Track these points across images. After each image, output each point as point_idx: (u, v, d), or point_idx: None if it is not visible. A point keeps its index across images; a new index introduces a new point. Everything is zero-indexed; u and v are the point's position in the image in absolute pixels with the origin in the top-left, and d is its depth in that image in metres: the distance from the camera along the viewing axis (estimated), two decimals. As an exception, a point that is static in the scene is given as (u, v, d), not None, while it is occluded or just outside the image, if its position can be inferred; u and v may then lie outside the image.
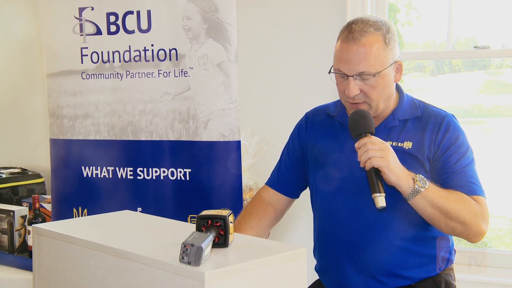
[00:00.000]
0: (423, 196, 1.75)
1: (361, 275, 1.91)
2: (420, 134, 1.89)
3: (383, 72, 1.83)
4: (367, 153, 1.73)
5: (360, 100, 1.86)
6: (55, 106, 2.77)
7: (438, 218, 1.78)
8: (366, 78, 1.82)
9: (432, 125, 1.90)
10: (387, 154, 1.73)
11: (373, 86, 1.83)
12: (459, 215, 1.77)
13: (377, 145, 1.74)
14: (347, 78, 1.84)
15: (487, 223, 1.82)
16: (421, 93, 3.38)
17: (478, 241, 1.85)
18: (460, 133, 1.90)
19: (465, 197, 1.81)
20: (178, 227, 1.68)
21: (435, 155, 1.87)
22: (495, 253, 2.91)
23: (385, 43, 1.83)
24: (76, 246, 1.51)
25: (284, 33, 3.13)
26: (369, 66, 1.81)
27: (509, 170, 3.09)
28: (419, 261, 1.90)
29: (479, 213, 1.80)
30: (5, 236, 2.89)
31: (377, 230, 1.88)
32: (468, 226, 1.79)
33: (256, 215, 2.09)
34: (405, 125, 1.92)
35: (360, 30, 1.82)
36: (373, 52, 1.81)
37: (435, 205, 1.76)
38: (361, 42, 1.81)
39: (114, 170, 2.68)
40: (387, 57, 1.84)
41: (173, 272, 1.26)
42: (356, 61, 1.81)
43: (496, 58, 3.13)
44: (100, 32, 2.66)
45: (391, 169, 1.72)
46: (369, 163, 1.73)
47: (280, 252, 1.37)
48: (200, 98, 2.53)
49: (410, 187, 1.74)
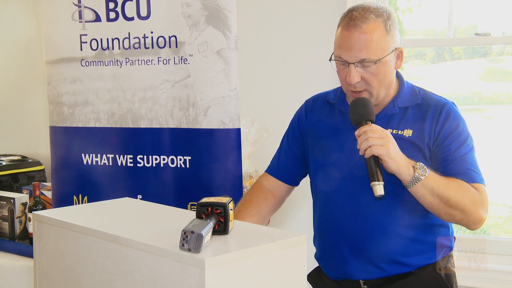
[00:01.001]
0: (423, 184, 1.75)
1: (361, 262, 1.92)
2: (420, 122, 1.89)
3: (384, 59, 1.82)
4: (367, 141, 1.73)
5: (361, 88, 1.85)
6: (55, 94, 2.76)
7: (438, 205, 1.78)
8: (367, 65, 1.81)
9: (432, 113, 1.89)
10: (387, 142, 1.72)
11: (374, 73, 1.83)
12: (459, 203, 1.78)
13: (377, 133, 1.74)
14: (348, 65, 1.83)
15: (486, 211, 1.83)
16: (422, 80, 3.37)
17: (477, 228, 1.86)
18: (460, 120, 1.90)
19: (465, 185, 1.81)
20: (178, 214, 1.68)
21: (435, 142, 1.87)
22: (495, 240, 2.92)
23: (386, 30, 1.83)
24: (76, 233, 1.52)
25: (284, 21, 3.12)
26: (370, 53, 1.80)
27: (509, 157, 3.09)
28: (419, 248, 1.91)
29: (478, 201, 1.80)
30: (6, 223, 2.90)
31: (378, 217, 1.89)
32: (468, 213, 1.79)
33: (256, 202, 2.09)
34: (405, 112, 1.92)
35: (361, 17, 1.81)
36: (374, 39, 1.80)
37: (435, 193, 1.76)
38: (362, 29, 1.80)
39: (114, 157, 2.68)
40: (388, 44, 1.83)
41: (173, 259, 1.26)
42: (357, 48, 1.80)
43: (496, 45, 3.12)
44: (99, 19, 2.64)
45: (391, 157, 1.72)
46: (369, 151, 1.73)
47: (280, 239, 1.38)
48: (200, 85, 2.52)
49: (410, 175, 1.74)
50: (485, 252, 2.85)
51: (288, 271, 1.38)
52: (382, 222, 1.88)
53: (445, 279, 1.93)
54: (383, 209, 1.87)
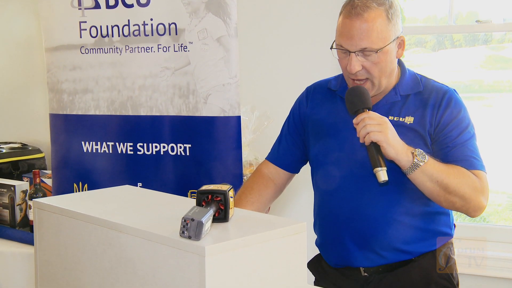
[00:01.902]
0: (422, 171, 1.75)
1: (362, 250, 1.92)
2: (422, 109, 1.89)
3: (386, 48, 1.82)
4: (365, 128, 1.73)
5: (363, 77, 1.85)
6: (54, 81, 2.75)
7: (438, 192, 1.78)
8: (368, 54, 1.81)
9: (434, 100, 1.89)
10: (385, 129, 1.73)
11: (376, 62, 1.82)
12: (459, 190, 1.78)
13: (375, 120, 1.74)
14: (349, 54, 1.82)
15: (487, 198, 1.83)
16: (422, 68, 3.36)
17: (477, 215, 1.86)
18: (461, 107, 1.90)
19: (465, 172, 1.81)
20: (178, 202, 1.68)
21: (436, 129, 1.87)
22: (494, 227, 2.93)
23: (388, 19, 1.82)
24: (76, 221, 1.52)
25: (285, 8, 3.11)
26: (372, 42, 1.80)
27: (509, 145, 3.09)
28: (419, 236, 1.91)
29: (478, 188, 1.80)
30: (7, 210, 2.90)
31: (378, 204, 1.89)
32: (468, 200, 1.79)
33: (256, 190, 2.09)
34: (407, 100, 1.92)
35: (362, 6, 1.80)
36: (375, 27, 1.79)
37: (434, 179, 1.76)
38: (363, 17, 1.79)
39: (114, 145, 2.68)
40: (389, 33, 1.82)
41: (174, 246, 1.26)
42: (359, 37, 1.80)
43: (497, 32, 3.11)
44: (99, 6, 2.63)
45: (390, 143, 1.72)
46: (368, 137, 1.73)
47: (280, 226, 1.38)
48: (200, 73, 2.52)
49: (409, 161, 1.75)
50: (484, 240, 2.86)
51: (288, 259, 1.38)
52: (382, 210, 1.89)
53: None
54: (384, 197, 1.88)
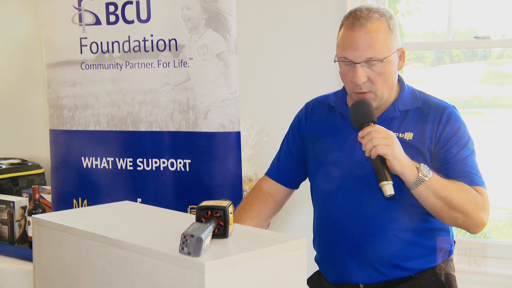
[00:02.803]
0: (427, 186, 1.74)
1: (362, 266, 1.92)
2: (421, 125, 1.89)
3: (389, 58, 1.83)
4: (372, 141, 1.71)
5: (367, 89, 1.85)
6: (55, 97, 2.76)
7: (441, 208, 1.77)
8: (373, 64, 1.81)
9: (433, 116, 1.89)
10: (392, 142, 1.72)
11: (380, 73, 1.82)
12: (462, 205, 1.77)
13: (381, 133, 1.73)
14: (354, 66, 1.83)
15: (488, 214, 1.82)
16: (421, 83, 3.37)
17: (478, 232, 1.85)
18: (461, 124, 1.90)
19: (467, 187, 1.80)
20: (178, 218, 1.68)
21: (436, 146, 1.86)
22: (494, 243, 2.92)
23: (389, 29, 1.84)
24: (76, 237, 1.52)
25: (284, 24, 3.12)
26: (377, 52, 1.80)
27: (509, 161, 3.09)
28: (420, 253, 1.90)
29: (480, 204, 1.80)
30: (5, 226, 2.90)
31: (378, 220, 1.88)
32: (470, 216, 1.78)
33: (256, 205, 2.09)
34: (406, 115, 1.92)
35: (365, 17, 1.81)
36: (379, 37, 1.81)
37: (438, 195, 1.75)
38: (367, 28, 1.80)
39: (114, 161, 2.68)
40: (392, 43, 1.84)
41: (173, 262, 1.26)
42: (364, 47, 1.80)
43: (496, 48, 3.13)
44: (100, 22, 2.65)
45: (396, 157, 1.71)
46: (374, 151, 1.71)
47: (280, 242, 1.38)
48: (199, 88, 2.52)
49: (414, 175, 1.73)
50: (485, 256, 2.85)
51: (288, 275, 1.37)
52: (382, 226, 1.88)
53: (445, 283, 1.93)
54: (384, 212, 1.87)
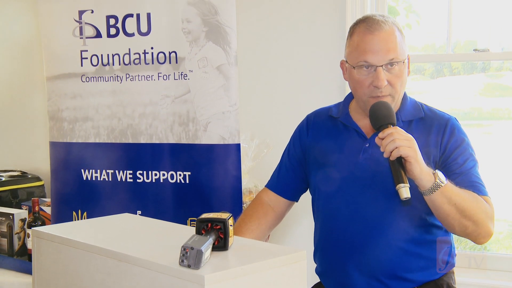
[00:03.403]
0: (442, 192, 1.72)
1: (364, 277, 1.91)
2: (425, 136, 1.89)
3: (406, 61, 1.87)
4: (394, 142, 1.68)
5: (387, 93, 1.86)
6: (55, 109, 2.77)
7: (454, 215, 1.75)
8: (393, 66, 1.83)
9: (437, 127, 1.90)
10: (414, 144, 1.70)
11: (399, 75, 1.85)
12: (473, 214, 1.76)
13: (403, 135, 1.71)
14: (374, 69, 1.83)
15: (494, 225, 1.83)
16: (421, 95, 3.38)
17: (485, 242, 1.84)
18: (464, 136, 1.92)
19: (478, 197, 1.81)
20: (177, 230, 1.67)
21: (441, 157, 1.87)
22: (495, 256, 2.91)
23: (401, 34, 1.89)
24: (75, 249, 1.51)
25: (284, 36, 3.13)
26: (397, 53, 1.84)
27: (509, 172, 3.08)
28: (422, 264, 1.90)
29: (489, 213, 1.81)
30: (5, 239, 2.89)
31: (380, 231, 1.88)
32: (480, 225, 1.78)
33: (256, 218, 2.08)
34: (410, 126, 1.92)
35: (379, 21, 1.85)
36: (397, 39, 1.85)
37: (452, 202, 1.73)
38: (385, 30, 1.84)
39: (114, 173, 2.68)
40: (405, 47, 1.89)
41: (173, 275, 1.25)
42: (385, 49, 1.82)
43: (495, 61, 3.13)
44: (100, 35, 2.66)
45: (418, 160, 1.69)
46: (397, 151, 1.68)
47: (280, 255, 1.37)
48: (199, 101, 2.53)
49: (431, 181, 1.71)
50: (485, 268, 2.84)
51: (288, 287, 1.37)
52: (386, 237, 1.88)
53: None
54: (388, 224, 1.87)
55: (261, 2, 3.17)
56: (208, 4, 2.47)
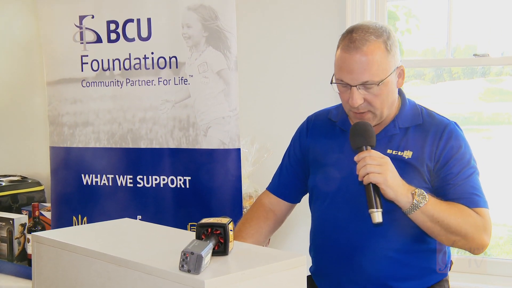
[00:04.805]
0: (423, 211, 1.72)
1: (353, 284, 1.90)
2: (421, 143, 1.86)
3: (387, 80, 1.80)
4: (366, 168, 1.70)
5: (365, 109, 1.83)
6: (55, 114, 2.77)
7: (439, 232, 1.76)
8: (370, 87, 1.79)
9: (434, 134, 1.87)
10: (385, 170, 1.70)
11: (377, 94, 1.80)
12: (460, 229, 1.75)
13: (376, 160, 1.71)
14: (350, 88, 1.80)
15: (489, 235, 1.80)
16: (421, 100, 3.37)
17: (480, 253, 1.83)
18: (462, 142, 1.87)
19: (467, 210, 1.78)
20: (177, 235, 1.67)
21: (436, 165, 1.84)
22: (496, 261, 2.90)
23: (386, 50, 1.80)
24: (75, 254, 1.51)
25: (284, 41, 3.14)
26: (373, 75, 1.78)
27: (509, 177, 3.08)
28: (413, 273, 1.88)
29: (481, 226, 1.77)
30: (5, 244, 2.89)
31: (371, 240, 1.86)
32: (470, 239, 1.77)
33: (256, 221, 2.08)
34: (406, 133, 1.90)
35: (361, 39, 1.78)
36: (375, 60, 1.77)
37: (435, 220, 1.73)
38: (363, 51, 1.77)
39: (114, 177, 2.68)
40: (389, 64, 1.81)
41: (173, 280, 1.25)
42: (359, 70, 1.77)
43: (495, 65, 3.14)
44: (101, 40, 2.66)
45: (389, 185, 1.69)
46: (367, 178, 1.70)
47: (280, 260, 1.37)
48: (200, 105, 2.53)
49: (409, 202, 1.72)
50: (486, 273, 2.84)
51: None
52: (377, 245, 1.86)
53: None
54: (380, 232, 1.85)
55: (261, 7, 3.17)
56: (208, 9, 2.48)
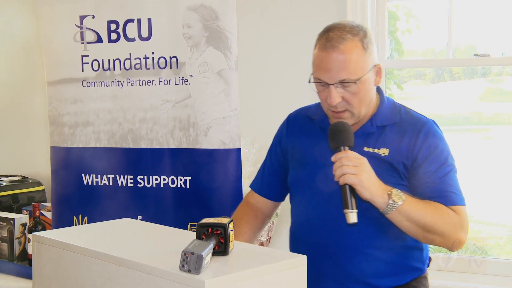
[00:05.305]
0: (399, 211, 1.73)
1: (332, 281, 1.90)
2: (398, 141, 1.87)
3: (364, 78, 1.80)
4: (342, 168, 1.71)
5: (342, 108, 1.83)
6: (56, 114, 2.77)
7: (415, 231, 1.77)
8: (347, 85, 1.79)
9: (411, 132, 1.87)
10: (361, 171, 1.70)
11: (355, 92, 1.81)
12: (437, 228, 1.77)
13: (352, 161, 1.71)
14: (328, 86, 1.81)
15: (466, 232, 1.81)
16: (421, 100, 3.39)
17: (457, 250, 1.86)
18: (439, 140, 1.87)
19: (443, 209, 1.79)
20: (178, 235, 1.67)
21: (413, 164, 1.84)
22: (496, 261, 2.90)
23: (363, 48, 1.80)
24: (76, 254, 1.51)
25: (284, 41, 3.14)
26: (350, 73, 1.78)
27: (509, 177, 3.09)
28: (390, 270, 1.88)
29: (457, 224, 1.79)
30: (5, 244, 2.89)
31: (349, 237, 1.87)
32: (447, 237, 1.78)
33: (246, 219, 2.09)
34: (383, 131, 1.90)
35: (337, 38, 1.79)
36: (353, 58, 1.78)
37: (412, 219, 1.74)
38: (340, 49, 1.78)
39: (114, 177, 2.68)
40: (366, 62, 1.81)
41: (173, 280, 1.25)
42: (337, 69, 1.78)
43: (496, 66, 3.14)
44: (101, 40, 2.66)
45: (364, 186, 1.70)
46: (343, 179, 1.71)
47: (281, 260, 1.37)
48: (200, 105, 2.53)
49: (385, 202, 1.72)
50: (486, 273, 2.84)
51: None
52: (354, 242, 1.87)
53: None
54: (357, 229, 1.84)
55: (261, 7, 3.18)
56: (208, 9, 2.48)
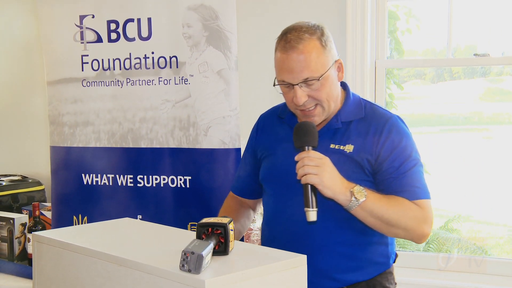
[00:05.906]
0: (362, 208, 1.76)
1: None
2: (363, 137, 1.89)
3: (326, 74, 1.84)
4: (303, 169, 1.74)
5: (311, 105, 1.86)
6: (56, 114, 2.77)
7: (380, 226, 1.81)
8: (311, 83, 1.83)
9: (374, 128, 1.89)
10: (322, 171, 1.73)
11: (320, 89, 1.84)
12: (400, 222, 1.80)
13: (313, 161, 1.74)
14: (293, 87, 1.84)
15: (430, 225, 1.85)
16: (421, 100, 3.39)
17: (422, 242, 1.90)
18: (403, 135, 1.90)
19: (406, 203, 1.82)
20: (178, 235, 1.67)
21: (377, 159, 1.87)
22: (496, 261, 2.90)
23: (322, 46, 1.84)
24: (76, 254, 1.51)
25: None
26: (312, 71, 1.82)
27: (509, 177, 3.09)
28: (354, 265, 1.91)
29: (420, 218, 1.82)
30: (5, 243, 2.89)
31: (316, 233, 1.88)
32: (410, 231, 1.82)
33: (235, 207, 2.12)
34: (349, 127, 1.92)
35: (296, 38, 1.83)
36: (312, 57, 1.82)
37: (375, 215, 1.78)
38: (299, 49, 1.82)
39: (114, 177, 2.68)
40: (327, 59, 1.85)
41: (174, 280, 1.25)
42: (299, 69, 1.82)
43: (496, 65, 3.14)
44: (101, 39, 2.66)
45: (326, 186, 1.73)
46: (304, 179, 1.74)
47: (281, 259, 1.38)
48: (200, 105, 2.53)
49: (348, 200, 1.75)
50: (486, 273, 2.84)
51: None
52: (319, 237, 1.88)
53: None
54: (322, 224, 1.86)
55: (262, 7, 3.17)
56: (208, 9, 2.48)
